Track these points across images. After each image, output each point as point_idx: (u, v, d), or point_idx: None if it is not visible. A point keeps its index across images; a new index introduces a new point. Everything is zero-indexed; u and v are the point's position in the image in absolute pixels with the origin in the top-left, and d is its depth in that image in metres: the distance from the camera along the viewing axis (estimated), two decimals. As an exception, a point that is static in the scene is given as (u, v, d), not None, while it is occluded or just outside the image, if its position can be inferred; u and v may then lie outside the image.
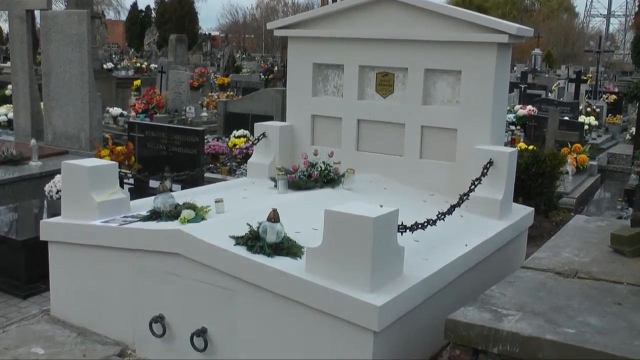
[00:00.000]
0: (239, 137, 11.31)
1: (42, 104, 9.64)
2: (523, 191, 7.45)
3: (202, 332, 4.07)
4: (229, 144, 10.98)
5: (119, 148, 7.94)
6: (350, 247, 3.51)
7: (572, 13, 77.84)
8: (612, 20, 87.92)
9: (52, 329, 4.73)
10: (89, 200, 4.64)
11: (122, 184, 6.62)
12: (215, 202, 4.55)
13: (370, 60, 6.03)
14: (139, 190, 6.95)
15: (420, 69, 5.76)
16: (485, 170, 5.16)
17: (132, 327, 4.49)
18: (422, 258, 4.12)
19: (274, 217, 3.92)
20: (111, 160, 6.35)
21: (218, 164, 8.10)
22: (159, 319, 4.28)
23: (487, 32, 5.43)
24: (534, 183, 7.65)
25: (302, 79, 6.38)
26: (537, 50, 36.87)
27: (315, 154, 5.66)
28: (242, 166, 9.85)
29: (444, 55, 5.63)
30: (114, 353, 4.45)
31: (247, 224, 4.03)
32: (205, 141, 10.09)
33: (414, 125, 5.84)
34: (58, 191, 6.21)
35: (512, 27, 5.40)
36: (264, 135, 6.25)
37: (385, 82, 6.04)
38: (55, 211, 5.61)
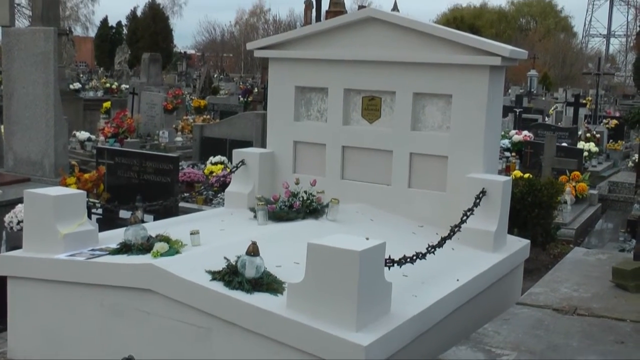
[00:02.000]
0: (215, 164, 11.33)
1: (2, 127, 9.61)
2: (518, 222, 7.50)
3: (175, 375, 4.06)
4: (205, 171, 10.99)
5: (86, 175, 7.92)
6: (335, 282, 3.53)
7: (570, 33, 78.92)
8: (612, 40, 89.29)
9: (9, 373, 4.70)
10: (54, 233, 4.63)
11: (90, 215, 6.60)
12: (191, 234, 4.56)
13: (356, 83, 6.10)
14: (109, 222, 6.93)
15: (408, 92, 5.84)
16: (477, 200, 5.21)
17: (100, 370, 4.47)
18: (411, 294, 4.14)
19: (253, 251, 3.93)
20: (78, 188, 6.34)
21: (193, 193, 8.11)
22: (129, 361, 4.26)
23: (478, 54, 5.51)
24: (530, 213, 7.72)
25: (283, 102, 6.43)
26: (533, 72, 37.27)
27: (297, 183, 5.69)
28: (219, 195, 9.85)
29: (434, 79, 5.71)
30: (79, 398, 4.42)
31: (225, 258, 4.04)
32: (180, 168, 10.09)
33: (402, 152, 5.89)
34: (19, 222, 6.17)
35: (505, 49, 5.49)
36: (242, 162, 6.28)
37: (371, 107, 6.10)
38: (15, 244, 5.58)
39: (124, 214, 7.05)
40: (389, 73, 5.90)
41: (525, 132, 15.14)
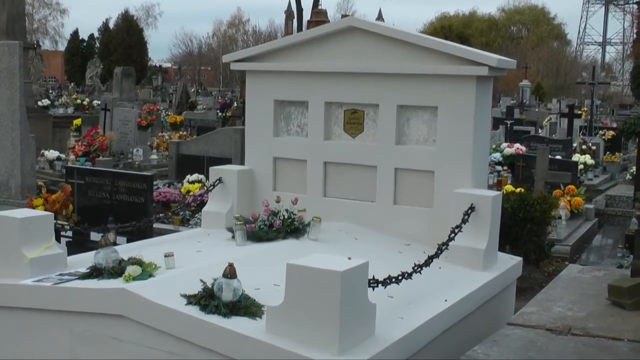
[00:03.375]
0: (193, 182, 11.36)
1: (-35, 147, 9.58)
2: (510, 239, 7.56)
3: (149, 406, 4.05)
4: (182, 190, 11.01)
5: (54, 196, 7.92)
6: (316, 305, 3.54)
7: (564, 41, 79.70)
8: (608, 48, 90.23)
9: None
10: (19, 257, 4.61)
11: (59, 238, 6.58)
12: (165, 256, 4.56)
13: (337, 96, 6.15)
14: (78, 245, 6.93)
15: (392, 105, 5.88)
16: (466, 217, 5.24)
17: (69, 402, 4.44)
18: (397, 316, 4.16)
19: (230, 273, 3.94)
20: (45, 210, 6.33)
21: (169, 214, 8.12)
22: (100, 391, 4.25)
23: (464, 64, 5.57)
24: (522, 230, 7.77)
25: (262, 117, 6.46)
26: (525, 82, 37.52)
27: (278, 201, 5.69)
28: (196, 215, 9.87)
29: (418, 90, 5.76)
30: None
31: (201, 281, 4.04)
32: (155, 187, 10.12)
33: (387, 168, 5.93)
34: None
35: (493, 58, 5.55)
36: (220, 180, 6.29)
37: (354, 120, 6.14)
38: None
39: (94, 236, 7.04)
40: (371, 85, 5.94)
41: (517, 145, 15.25)
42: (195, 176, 11.57)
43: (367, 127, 6.09)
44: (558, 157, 14.21)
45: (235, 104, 29.64)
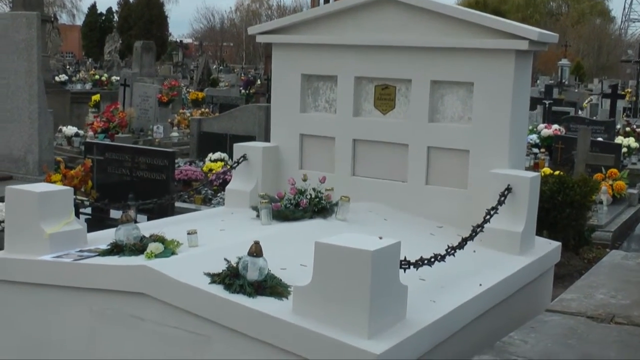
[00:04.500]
0: (215, 161, 11.39)
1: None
2: (548, 223, 7.50)
3: (170, 387, 4.09)
4: (204, 168, 11.04)
5: (72, 171, 7.98)
6: (345, 285, 3.55)
7: (607, 18, 78.59)
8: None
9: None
10: (38, 232, 4.66)
11: (78, 215, 6.64)
12: (188, 234, 4.59)
13: (368, 71, 6.13)
14: (98, 222, 6.98)
15: (425, 80, 5.85)
16: (502, 198, 5.21)
17: (88, 383, 4.50)
18: (429, 299, 4.16)
19: (255, 251, 3.96)
20: (64, 186, 6.38)
21: (191, 192, 8.15)
22: (120, 372, 4.30)
23: (503, 38, 5.53)
24: (561, 214, 7.71)
25: (288, 92, 6.46)
26: (564, 61, 37.21)
27: (304, 180, 5.71)
28: (219, 194, 9.90)
29: (454, 65, 5.73)
30: (65, 414, 4.45)
31: (225, 259, 4.07)
32: (176, 166, 10.15)
33: (419, 146, 5.91)
34: (0, 222, 6.23)
35: (533, 32, 5.50)
36: (244, 157, 6.31)
37: (385, 96, 6.12)
38: (-1, 245, 5.63)
39: (114, 214, 7.10)
40: (404, 59, 5.92)
41: (556, 126, 15.12)
42: (217, 154, 11.60)
43: (399, 104, 6.07)
44: (600, 139, 14.05)
45: (258, 81, 29.65)
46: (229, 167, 6.56)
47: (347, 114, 6.21)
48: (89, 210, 7.96)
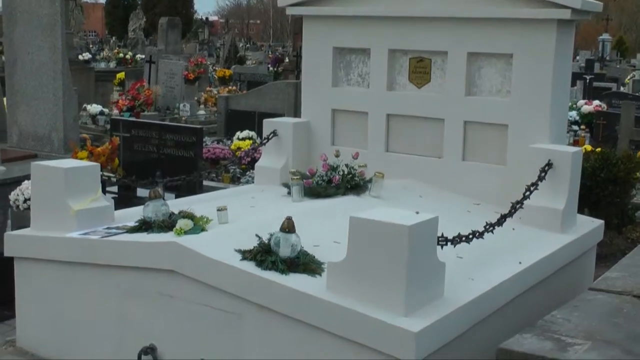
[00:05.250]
0: (243, 139, 11.36)
1: (4, 99, 9.73)
2: (589, 201, 7.42)
3: (201, 366, 4.11)
4: (232, 147, 11.04)
5: (99, 149, 8.02)
6: (381, 261, 3.54)
7: (651, -10, 77.38)
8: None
9: (18, 363, 4.78)
10: (65, 209, 4.70)
11: (104, 193, 6.68)
12: (218, 210, 4.60)
13: (402, 43, 6.08)
14: (125, 201, 7.01)
15: (462, 52, 5.80)
16: (543, 174, 5.17)
17: (117, 361, 4.54)
18: (467, 277, 4.15)
19: (288, 227, 3.96)
20: (91, 163, 6.41)
21: (219, 168, 8.15)
22: (150, 351, 4.32)
23: (544, 7, 5.45)
24: (604, 191, 7.61)
25: (320, 66, 6.43)
26: (605, 36, 36.76)
27: (337, 156, 5.70)
28: (247, 173, 9.91)
29: (492, 36, 5.67)
30: (94, 392, 4.50)
31: (256, 236, 4.07)
32: (204, 144, 10.15)
33: (456, 121, 5.87)
34: (26, 200, 6.27)
35: (576, 0, 5.42)
36: (274, 133, 6.31)
37: (420, 69, 6.08)
38: (21, 224, 5.69)
39: (141, 192, 7.12)
40: (440, 31, 5.87)
41: (597, 102, 14.93)
42: (245, 133, 11.56)
43: (435, 77, 6.03)
44: (644, 115, 13.84)
45: (286, 59, 29.60)
46: (257, 144, 6.55)
47: (381, 88, 6.18)
48: (115, 188, 8.00)
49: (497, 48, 5.69)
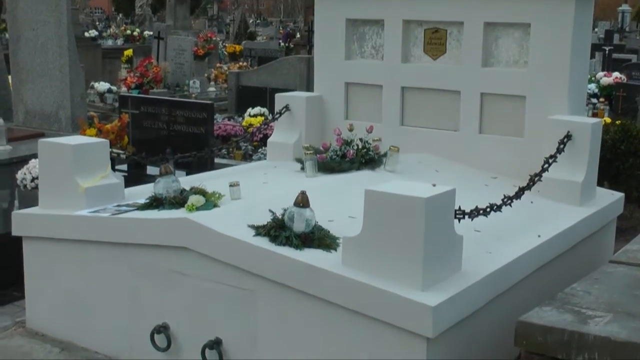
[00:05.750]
0: (254, 116, 11.37)
1: (9, 76, 9.74)
2: (609, 174, 7.40)
3: (215, 344, 4.13)
4: (243, 124, 11.05)
5: (108, 126, 8.03)
6: (397, 235, 3.54)
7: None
8: None
9: (28, 344, 4.81)
10: (74, 186, 4.71)
11: (113, 170, 6.70)
12: (230, 186, 4.61)
13: (417, 14, 6.06)
14: (134, 179, 7.01)
15: (478, 22, 5.77)
16: (561, 146, 5.15)
17: (129, 340, 4.57)
18: (485, 251, 4.14)
19: (302, 202, 3.96)
20: (99, 140, 6.42)
21: (232, 146, 8.14)
22: (163, 329, 4.35)
23: (563, -26, 5.42)
24: (624, 164, 7.59)
25: (332, 38, 6.41)
26: (625, 7, 36.45)
27: (351, 130, 5.69)
28: (259, 150, 9.92)
29: (509, 5, 5.63)
30: (106, 372, 4.53)
31: (270, 211, 4.08)
32: (214, 121, 10.16)
33: (472, 93, 5.84)
34: (33, 179, 6.29)
35: (595, -33, 5.38)
36: (287, 108, 6.30)
37: (435, 40, 6.05)
38: (29, 204, 5.69)
39: (151, 170, 7.14)
40: (455, 0, 5.83)
41: (616, 74, 14.85)
42: (257, 109, 11.57)
43: (450, 48, 6.00)
44: (664, 86, 13.77)
45: (298, 35, 29.55)
46: (270, 120, 6.55)
47: (395, 60, 6.15)
48: (124, 167, 8.02)
49: (514, 17, 5.65)
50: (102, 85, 14.77)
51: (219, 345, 4.13)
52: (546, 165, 5.00)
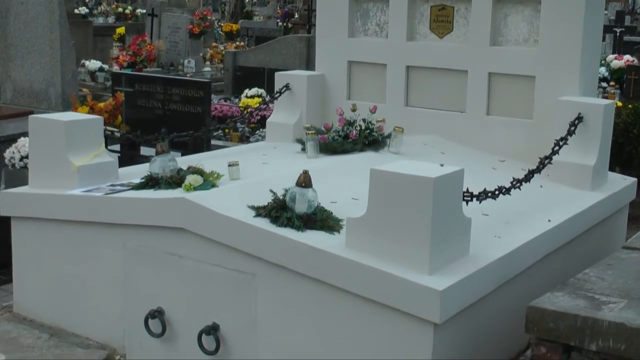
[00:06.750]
0: (252, 97, 11.35)
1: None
2: (621, 159, 7.40)
3: (212, 330, 4.12)
4: (240, 105, 11.03)
5: (101, 104, 8.00)
6: (403, 216, 3.52)
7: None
8: None
9: (16, 330, 4.79)
10: (66, 165, 4.69)
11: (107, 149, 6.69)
12: (229, 166, 4.60)
13: (423, -10, 6.04)
14: (128, 160, 7.00)
15: (487, -2, 5.75)
16: (572, 128, 5.13)
17: (122, 326, 4.56)
18: (494, 235, 4.13)
19: (304, 182, 3.95)
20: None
21: (228, 127, 8.11)
22: (157, 314, 4.34)
23: (576, -53, 5.39)
24: (637, 148, 7.59)
25: (335, 15, 6.39)
26: (636, -12, 36.44)
27: (354, 110, 5.68)
28: (257, 132, 9.91)
29: (519, -20, 5.62)
30: (98, 358, 4.50)
31: (271, 191, 4.06)
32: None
33: (480, 73, 5.83)
34: (22, 158, 6.27)
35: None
36: (287, 87, 6.28)
37: (442, 18, 6.03)
38: (17, 184, 5.65)
39: (145, 151, 7.12)
40: (463, -25, 5.83)
41: (627, 57, 14.81)
42: (254, 90, 11.54)
43: (457, 26, 5.98)
44: (677, 69, 13.71)
45: (296, 15, 29.47)
46: (269, 99, 6.53)
47: (400, 38, 6.13)
48: (117, 147, 8.00)
49: (524, -7, 5.65)
50: (93, 64, 14.71)
51: (216, 330, 4.12)
52: (556, 148, 4.99)
